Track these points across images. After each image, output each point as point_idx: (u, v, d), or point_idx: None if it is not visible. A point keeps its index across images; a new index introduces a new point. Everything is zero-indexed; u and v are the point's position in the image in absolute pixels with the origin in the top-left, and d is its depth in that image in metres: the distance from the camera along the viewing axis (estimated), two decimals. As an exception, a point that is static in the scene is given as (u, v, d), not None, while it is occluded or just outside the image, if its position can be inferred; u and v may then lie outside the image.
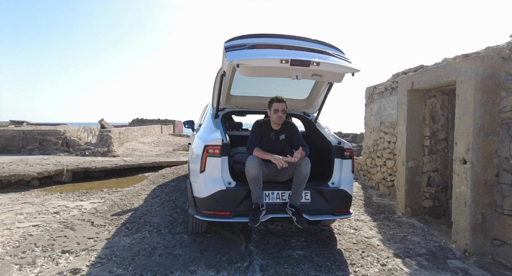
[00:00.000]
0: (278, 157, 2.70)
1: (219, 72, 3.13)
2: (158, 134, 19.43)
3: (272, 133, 3.01)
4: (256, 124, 3.03)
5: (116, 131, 11.61)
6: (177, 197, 4.85)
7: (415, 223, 3.92)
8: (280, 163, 2.63)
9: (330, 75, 2.69)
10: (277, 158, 2.69)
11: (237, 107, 3.64)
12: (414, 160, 4.17)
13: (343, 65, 2.61)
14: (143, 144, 13.87)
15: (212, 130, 3.05)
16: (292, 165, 2.76)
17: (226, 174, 2.78)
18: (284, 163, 2.64)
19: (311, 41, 2.88)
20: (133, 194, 5.01)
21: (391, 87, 5.18)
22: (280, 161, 2.64)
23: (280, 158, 2.68)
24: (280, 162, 2.63)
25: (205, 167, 2.77)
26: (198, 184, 2.85)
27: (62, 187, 6.25)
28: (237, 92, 3.48)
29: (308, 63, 2.52)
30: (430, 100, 4.08)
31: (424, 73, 3.74)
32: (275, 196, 2.83)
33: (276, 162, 2.66)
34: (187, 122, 5.26)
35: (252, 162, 2.68)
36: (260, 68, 2.57)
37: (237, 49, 2.63)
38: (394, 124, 5.08)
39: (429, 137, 4.09)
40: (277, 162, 2.65)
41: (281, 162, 2.63)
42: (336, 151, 3.05)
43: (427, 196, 4.12)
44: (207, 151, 2.77)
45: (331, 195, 2.92)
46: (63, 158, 8.25)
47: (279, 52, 2.65)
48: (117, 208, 4.25)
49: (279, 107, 2.92)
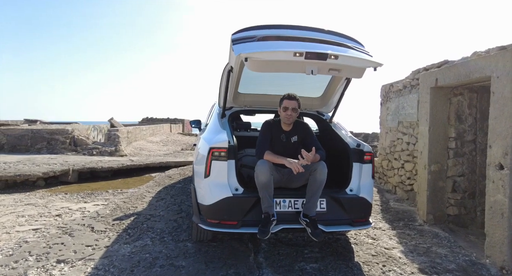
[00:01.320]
0: (293, 161, 2.42)
1: (225, 68, 2.88)
2: (167, 133, 19.38)
3: (283, 135, 2.72)
4: (265, 124, 2.75)
5: (124, 130, 11.52)
6: (182, 200, 4.64)
7: (439, 233, 3.59)
8: (296, 168, 2.35)
9: (349, 69, 2.40)
10: (292, 162, 2.40)
11: (245, 106, 3.38)
12: (438, 163, 3.84)
13: (364, 58, 2.32)
14: (152, 143, 13.78)
15: (218, 131, 2.81)
16: (307, 170, 2.49)
17: (233, 180, 2.53)
18: (301, 167, 2.36)
19: (327, 32, 2.60)
20: (137, 197, 4.82)
21: (411, 85, 4.83)
22: (296, 165, 2.36)
23: (296, 162, 2.40)
24: (296, 167, 2.35)
25: (210, 172, 2.53)
26: (202, 189, 2.61)
27: (68, 188, 6.13)
28: (245, 89, 3.22)
29: (325, 56, 2.24)
30: (456, 98, 3.74)
31: (450, 68, 3.40)
32: (287, 204, 2.56)
33: (291, 166, 2.38)
34: (194, 121, 5.05)
35: (263, 167, 2.42)
36: (270, 62, 2.31)
37: (245, 41, 2.37)
38: (414, 125, 4.74)
39: (455, 139, 3.74)
40: (293, 166, 2.37)
41: (297, 167, 2.35)
42: (354, 154, 2.76)
43: (452, 203, 3.78)
44: (212, 153, 2.52)
45: (349, 204, 2.63)
46: (70, 158, 8.17)
47: (292, 44, 2.38)
48: (120, 212, 4.06)
49: (289, 105, 2.64)
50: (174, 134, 20.75)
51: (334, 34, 2.60)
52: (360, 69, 2.42)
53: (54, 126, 13.58)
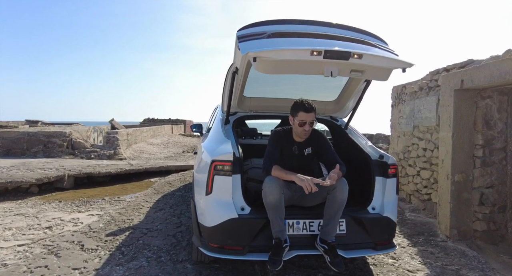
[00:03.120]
0: (305, 177, 2.06)
1: (230, 69, 2.55)
2: (168, 135, 19.07)
3: (295, 146, 2.36)
4: (274, 135, 2.39)
5: (124, 132, 11.21)
6: (182, 211, 4.31)
7: (465, 251, 3.24)
8: (308, 186, 2.00)
9: (374, 71, 2.06)
10: (303, 179, 2.04)
11: (251, 111, 3.04)
12: (462, 173, 3.48)
13: (392, 58, 1.98)
14: (152, 145, 13.48)
15: (221, 140, 2.47)
16: (324, 188, 2.15)
17: (238, 197, 2.20)
18: (314, 186, 2.01)
19: (347, 28, 2.26)
20: (134, 207, 4.50)
21: (428, 86, 4.48)
22: (308, 183, 2.00)
23: (308, 179, 2.04)
24: (309, 185, 1.99)
25: (212, 188, 2.20)
26: (203, 208, 2.28)
27: (62, 195, 5.82)
28: (251, 93, 2.89)
29: (347, 56, 1.91)
30: (483, 101, 3.38)
31: (480, 69, 3.05)
32: (300, 226, 2.22)
33: (303, 184, 2.02)
34: (195, 125, 4.72)
35: (271, 184, 2.08)
36: (283, 62, 1.97)
37: (253, 38, 2.04)
38: (432, 129, 4.38)
39: (482, 146, 3.39)
40: (304, 184, 2.01)
41: (309, 185, 1.99)
42: (377, 167, 2.42)
43: (479, 217, 3.43)
44: (215, 167, 2.19)
45: (372, 224, 2.29)
46: (67, 162, 7.86)
47: (307, 41, 2.05)
48: (114, 226, 3.73)
49: (306, 118, 2.24)
50: (176, 135, 20.44)
51: (355, 30, 2.26)
52: (387, 70, 2.08)
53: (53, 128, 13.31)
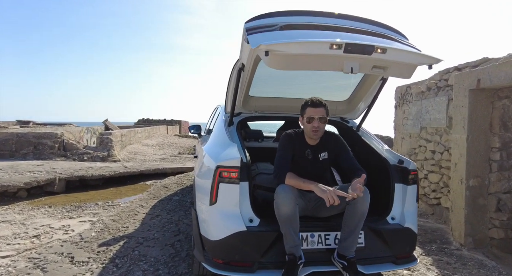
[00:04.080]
0: (327, 188, 1.83)
1: (235, 66, 2.33)
2: (163, 136, 18.75)
3: (308, 150, 2.13)
4: (285, 138, 2.14)
5: (118, 133, 10.91)
6: (180, 218, 4.07)
7: (483, 260, 3.06)
8: (331, 199, 1.77)
9: (398, 67, 1.86)
10: (325, 190, 1.81)
11: (256, 112, 2.82)
12: (477, 177, 3.31)
13: (419, 53, 1.78)
14: (147, 146, 13.18)
15: (226, 143, 2.25)
16: (342, 198, 1.94)
17: (246, 208, 1.98)
18: (337, 199, 1.79)
19: (364, 21, 2.06)
20: (129, 213, 4.24)
21: (437, 86, 4.31)
22: (331, 195, 1.77)
23: (331, 190, 1.82)
24: (331, 197, 1.77)
25: (217, 197, 1.97)
26: (207, 220, 2.05)
27: (53, 199, 5.53)
28: (257, 92, 2.67)
29: (370, 50, 1.70)
30: (500, 102, 3.21)
31: (499, 67, 2.88)
32: (315, 239, 2.00)
33: (325, 196, 1.79)
34: (193, 126, 4.48)
35: (285, 194, 1.85)
36: (298, 56, 1.76)
37: (263, 30, 1.83)
38: (441, 131, 4.21)
39: (499, 149, 3.22)
40: (326, 197, 1.78)
41: (332, 197, 1.78)
42: (397, 173, 2.22)
43: (496, 224, 3.25)
44: (220, 174, 1.97)
45: (392, 236, 2.09)
46: (59, 164, 7.55)
47: (323, 34, 1.84)
48: (108, 234, 3.48)
49: (315, 113, 2.02)
50: (171, 136, 20.12)
51: (373, 24, 2.06)
52: (411, 66, 1.88)
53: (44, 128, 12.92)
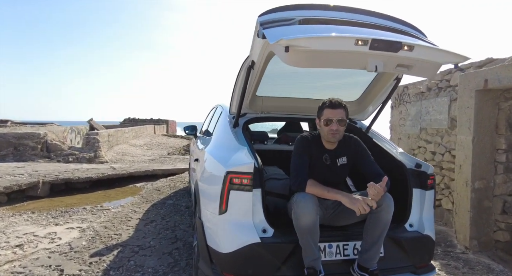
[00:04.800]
0: (357, 197, 1.71)
1: (244, 64, 2.16)
2: (151, 135, 18.32)
3: (326, 155, 1.98)
4: (301, 141, 1.97)
5: (105, 133, 10.52)
6: (176, 223, 3.87)
7: (490, 264, 3.02)
8: (362, 209, 1.65)
9: (423, 66, 1.74)
10: (355, 200, 1.69)
11: (262, 112, 2.67)
12: (483, 179, 3.27)
13: (447, 50, 1.67)
14: (135, 147, 12.79)
15: (234, 147, 2.08)
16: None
17: (260, 217, 1.82)
18: (368, 208, 1.67)
19: (384, 17, 1.94)
20: (121, 219, 4.00)
21: (438, 87, 4.27)
22: (363, 205, 1.66)
23: (361, 200, 1.69)
24: (362, 207, 1.65)
25: (228, 206, 1.81)
26: (216, 230, 1.89)
27: (36, 204, 5.20)
28: (263, 91, 2.51)
29: (398, 47, 1.58)
30: (506, 103, 3.18)
31: (510, 67, 2.83)
32: (333, 250, 1.87)
33: (355, 207, 1.67)
34: (188, 127, 4.28)
35: (306, 204, 1.71)
36: (321, 53, 1.62)
37: (281, 24, 1.68)
38: (442, 132, 4.18)
39: (505, 151, 3.18)
40: (358, 207, 1.66)
41: (363, 207, 1.65)
42: (414, 178, 2.11)
43: (502, 226, 3.22)
44: (231, 181, 1.80)
45: (411, 245, 1.98)
46: (42, 166, 7.16)
47: (347, 29, 1.70)
48: (100, 243, 3.24)
49: (333, 115, 1.87)
50: (159, 136, 19.70)
51: (393, 20, 1.94)
52: (436, 65, 1.78)
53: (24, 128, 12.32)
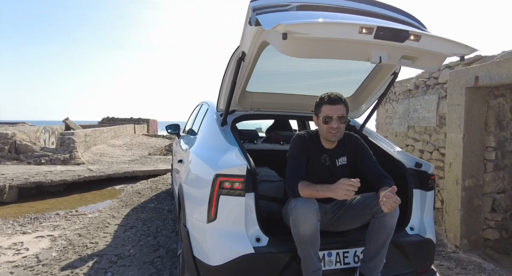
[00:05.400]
0: (337, 185, 1.52)
1: (234, 55, 1.98)
2: (131, 135, 17.71)
3: (325, 155, 1.83)
4: (298, 141, 1.81)
5: (82, 133, 9.99)
6: (158, 228, 3.62)
7: (481, 263, 2.98)
8: (389, 205, 1.46)
9: (428, 58, 1.62)
10: (338, 188, 1.50)
11: (251, 109, 2.49)
12: (473, 178, 3.24)
13: (454, 41, 1.55)
14: (114, 147, 12.27)
15: (223, 147, 1.89)
16: (366, 209, 1.67)
17: (253, 225, 1.65)
18: (351, 191, 1.48)
19: (385, 7, 1.81)
20: (97, 225, 3.71)
21: (426, 84, 4.25)
22: (343, 191, 1.48)
23: (340, 184, 1.50)
24: (389, 205, 1.46)
25: (217, 213, 1.62)
26: (203, 240, 1.69)
27: (1, 210, 4.77)
28: (254, 87, 2.33)
29: (405, 36, 1.45)
30: (495, 100, 3.16)
31: (501, 64, 2.79)
32: (333, 258, 1.72)
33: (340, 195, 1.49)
34: (171, 126, 4.04)
35: (306, 209, 1.53)
36: (320, 42, 1.46)
37: (276, 10, 1.50)
38: (430, 130, 4.16)
39: (495, 149, 3.17)
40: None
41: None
42: (415, 178, 2.00)
43: (491, 225, 3.20)
44: (220, 185, 1.61)
45: (414, 250, 1.86)
46: (9, 168, 6.66)
47: (349, 17, 1.56)
48: (72, 253, 2.95)
49: (333, 112, 1.71)
50: (139, 135, 19.08)
51: (393, 10, 1.81)
52: (441, 57, 1.66)
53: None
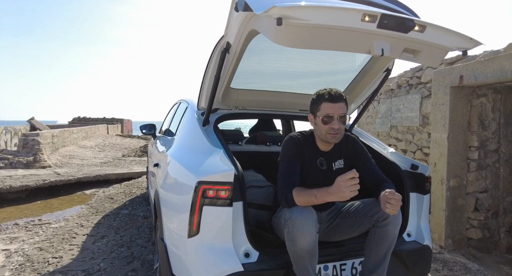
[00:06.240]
0: (337, 184, 1.32)
1: (217, 47, 1.77)
2: (104, 136, 16.89)
3: (321, 159, 1.65)
4: (291, 143, 1.60)
5: (48, 134, 9.31)
6: (133, 237, 3.33)
7: (466, 263, 2.96)
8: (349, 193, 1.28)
9: (430, 51, 1.50)
10: (340, 189, 1.30)
11: (236, 108, 2.29)
12: (457, 177, 3.23)
13: (460, 33, 1.44)
14: (85, 148, 11.58)
15: (206, 149, 1.68)
16: (366, 216, 1.52)
17: (241, 238, 1.45)
18: (353, 188, 1.29)
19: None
20: (63, 236, 3.35)
21: (408, 84, 4.24)
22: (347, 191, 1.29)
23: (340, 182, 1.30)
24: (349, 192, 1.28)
25: (200, 227, 1.41)
26: (184, 257, 1.47)
27: (-48, 221, 4.26)
28: (239, 83, 2.13)
29: (410, 25, 1.31)
30: (478, 100, 3.16)
31: (485, 63, 2.78)
32: (330, 272, 1.56)
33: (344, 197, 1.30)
34: (146, 126, 3.75)
35: (304, 220, 1.35)
36: (318, 30, 1.29)
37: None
38: (413, 130, 4.15)
39: (477, 148, 3.17)
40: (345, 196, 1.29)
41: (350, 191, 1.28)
42: (411, 181, 1.89)
43: (474, 224, 3.20)
44: (204, 193, 1.41)
45: (413, 258, 1.75)
46: (-36, 174, 6.01)
47: (350, 4, 1.40)
48: (30, 271, 2.61)
49: (334, 111, 1.49)
50: (112, 136, 18.25)
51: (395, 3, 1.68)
52: (443, 51, 1.54)
53: None
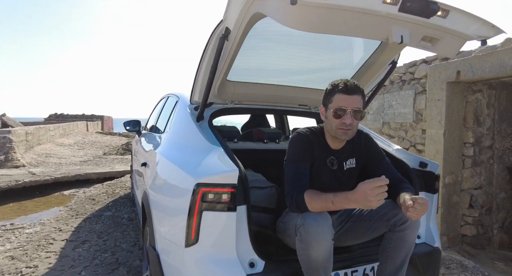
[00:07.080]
0: (363, 191, 1.15)
1: (214, 33, 1.59)
2: (83, 133, 16.23)
3: (332, 157, 1.49)
4: (300, 141, 1.44)
5: (22, 131, 8.78)
6: (117, 242, 3.10)
7: (462, 261, 2.94)
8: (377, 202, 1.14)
9: (449, 40, 1.39)
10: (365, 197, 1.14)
11: (232, 102, 2.12)
12: (452, 174, 3.20)
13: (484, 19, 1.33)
14: (63, 146, 11.04)
15: (203, 147, 1.51)
16: (382, 220, 1.40)
17: (245, 246, 1.30)
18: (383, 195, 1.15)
19: None
20: (38, 243, 3.07)
21: (401, 80, 4.20)
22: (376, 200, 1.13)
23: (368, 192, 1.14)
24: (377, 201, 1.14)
25: (199, 235, 1.25)
26: (180, 269, 1.31)
27: None
28: (236, 76, 1.96)
29: (433, 10, 1.19)
30: (473, 96, 3.14)
31: (484, 58, 2.74)
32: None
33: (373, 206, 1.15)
34: (129, 122, 3.51)
35: (319, 227, 1.20)
36: (334, 12, 1.14)
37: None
38: (407, 126, 4.12)
39: (473, 145, 3.15)
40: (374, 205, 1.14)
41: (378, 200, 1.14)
42: (420, 180, 1.80)
43: (468, 221, 3.19)
44: (203, 197, 1.24)
45: (425, 262, 1.66)
46: None
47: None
48: (4, 282, 2.36)
49: (348, 104, 1.34)
50: (92, 133, 17.58)
51: None
52: (461, 40, 1.43)
53: None
